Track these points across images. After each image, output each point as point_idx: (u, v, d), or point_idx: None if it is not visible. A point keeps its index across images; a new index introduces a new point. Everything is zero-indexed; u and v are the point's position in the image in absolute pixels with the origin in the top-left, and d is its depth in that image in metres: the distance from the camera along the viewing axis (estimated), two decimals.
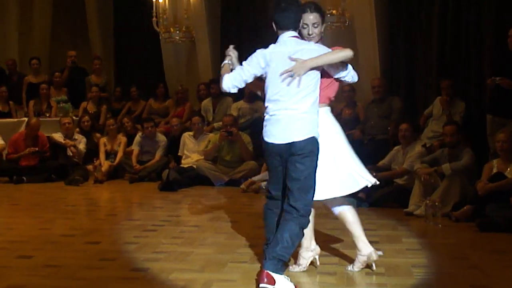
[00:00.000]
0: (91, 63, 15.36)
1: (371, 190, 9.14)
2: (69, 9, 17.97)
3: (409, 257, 6.42)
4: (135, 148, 12.39)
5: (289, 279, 5.25)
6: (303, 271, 5.82)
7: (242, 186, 10.74)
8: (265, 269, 5.15)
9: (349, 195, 5.71)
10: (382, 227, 7.88)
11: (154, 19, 14.20)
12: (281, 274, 5.21)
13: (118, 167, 12.32)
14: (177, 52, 15.21)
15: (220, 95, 13.04)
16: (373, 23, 11.43)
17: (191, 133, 12.17)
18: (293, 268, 5.79)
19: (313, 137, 5.32)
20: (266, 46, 5.61)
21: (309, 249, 5.82)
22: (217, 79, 13.49)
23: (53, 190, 10.98)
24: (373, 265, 5.77)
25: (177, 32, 14.37)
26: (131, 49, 16.87)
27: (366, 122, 10.90)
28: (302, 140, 5.27)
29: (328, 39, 11.96)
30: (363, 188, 5.40)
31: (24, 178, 11.72)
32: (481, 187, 7.96)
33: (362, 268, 5.79)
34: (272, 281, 5.12)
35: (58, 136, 12.50)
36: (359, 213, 8.60)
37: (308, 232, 5.71)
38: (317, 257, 5.88)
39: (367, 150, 10.40)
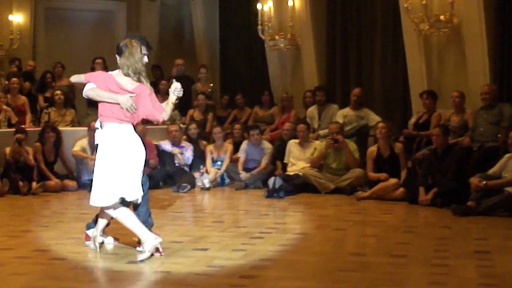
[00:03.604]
0: (197, 71, 15.55)
1: (481, 198, 9.06)
2: (176, 18, 18.28)
3: None
4: (241, 155, 12.45)
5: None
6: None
7: (359, 193, 10.73)
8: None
9: None
10: (493, 237, 7.69)
11: (259, 27, 14.33)
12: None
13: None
14: (282, 60, 15.25)
15: (326, 102, 13.02)
16: (483, 28, 11.17)
17: (297, 140, 12.14)
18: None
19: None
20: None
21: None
22: (322, 87, 13.58)
23: (160, 197, 11.12)
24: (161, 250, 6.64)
25: (282, 39, 14.46)
26: (236, 57, 17.03)
27: (475, 129, 10.65)
28: None
29: (436, 45, 11.87)
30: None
31: None
32: None
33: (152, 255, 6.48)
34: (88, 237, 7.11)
35: (166, 144, 12.67)
36: (469, 222, 8.51)
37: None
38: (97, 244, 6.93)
39: (477, 158, 10.19)
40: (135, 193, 6.67)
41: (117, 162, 6.54)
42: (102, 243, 7.02)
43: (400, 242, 7.34)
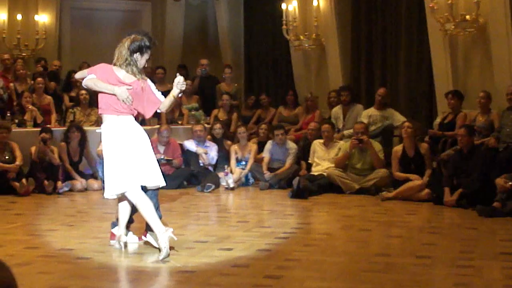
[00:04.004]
0: (221, 71, 15.57)
1: (507, 199, 8.98)
2: (201, 18, 18.31)
3: None
4: (265, 155, 12.44)
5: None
6: None
7: (384, 194, 10.68)
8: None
9: None
10: None
11: (284, 27, 14.32)
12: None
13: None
14: (307, 60, 15.24)
15: (350, 102, 12.99)
16: (509, 28, 11.08)
17: (321, 140, 12.12)
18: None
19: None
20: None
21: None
22: (347, 87, 13.54)
23: (185, 196, 11.15)
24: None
25: (307, 39, 14.43)
26: (261, 57, 17.04)
27: (501, 130, 10.57)
28: None
29: (462, 45, 11.80)
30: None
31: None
32: None
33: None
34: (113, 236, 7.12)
35: (190, 143, 12.69)
36: (495, 223, 8.44)
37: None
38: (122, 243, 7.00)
39: (503, 159, 10.11)
40: (155, 180, 6.79)
41: (123, 151, 6.65)
42: (126, 243, 7.03)
43: (425, 243, 7.29)
